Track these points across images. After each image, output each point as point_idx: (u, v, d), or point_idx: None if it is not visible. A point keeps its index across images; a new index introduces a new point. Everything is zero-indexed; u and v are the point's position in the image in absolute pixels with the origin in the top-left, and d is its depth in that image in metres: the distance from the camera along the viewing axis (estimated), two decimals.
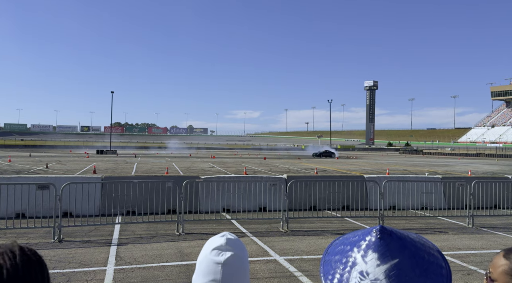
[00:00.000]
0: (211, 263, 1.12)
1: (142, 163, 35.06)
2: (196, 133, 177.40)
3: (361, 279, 0.77)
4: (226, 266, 1.11)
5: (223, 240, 1.16)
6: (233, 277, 1.12)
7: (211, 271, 1.11)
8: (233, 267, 1.12)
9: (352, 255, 0.81)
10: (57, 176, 10.97)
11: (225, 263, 1.11)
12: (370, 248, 0.79)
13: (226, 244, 1.15)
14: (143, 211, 9.04)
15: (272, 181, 11.03)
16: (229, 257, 1.12)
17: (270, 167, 32.54)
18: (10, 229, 7.79)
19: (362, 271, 0.77)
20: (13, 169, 25.42)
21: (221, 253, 1.13)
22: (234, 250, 1.14)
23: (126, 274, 5.54)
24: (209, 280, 1.11)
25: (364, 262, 0.78)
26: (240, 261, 1.14)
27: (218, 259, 1.12)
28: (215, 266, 1.11)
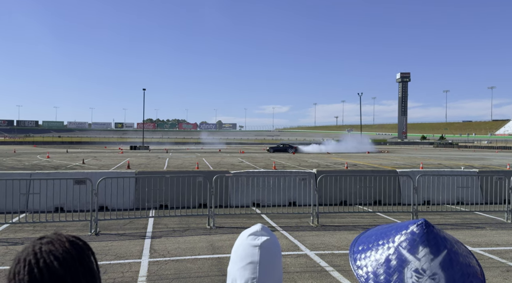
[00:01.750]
0: (248, 246, 1.16)
1: (174, 158, 35.74)
2: (225, 128, 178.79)
3: (419, 277, 0.75)
4: (263, 249, 1.14)
5: (258, 227, 1.21)
6: (270, 260, 1.14)
7: (249, 254, 1.14)
8: (269, 250, 1.15)
9: (395, 252, 0.79)
10: (93, 171, 11.36)
11: (262, 245, 1.14)
12: (419, 243, 0.77)
13: (261, 230, 1.20)
14: (175, 205, 9.23)
15: (301, 176, 10.98)
16: (265, 241, 1.16)
17: (299, 161, 32.38)
18: (49, 222, 8.15)
19: (417, 269, 0.75)
20: (51, 164, 26.53)
21: (257, 237, 1.17)
22: (269, 235, 1.18)
23: (160, 266, 5.69)
24: (246, 263, 1.14)
25: (416, 259, 0.76)
26: (275, 246, 1.18)
27: (255, 242, 1.16)
28: (252, 249, 1.14)
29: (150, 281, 5.09)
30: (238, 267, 1.15)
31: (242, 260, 1.14)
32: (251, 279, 1.11)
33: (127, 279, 5.15)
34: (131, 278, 5.19)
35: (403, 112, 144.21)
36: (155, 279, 5.14)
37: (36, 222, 8.12)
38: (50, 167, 23.89)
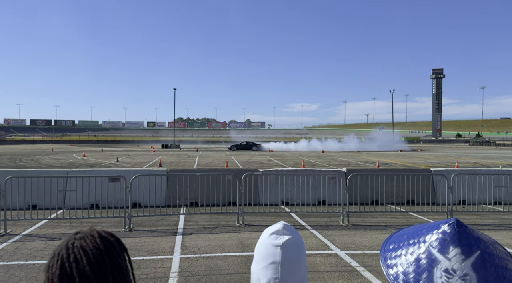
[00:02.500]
0: (269, 246, 1.15)
1: (203, 157, 36.20)
2: (254, 127, 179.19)
3: (449, 277, 0.74)
4: (284, 249, 1.13)
5: (280, 226, 1.20)
6: (292, 260, 1.14)
7: (270, 254, 1.14)
8: (291, 250, 1.14)
9: (425, 251, 0.78)
10: (127, 169, 11.69)
11: (283, 245, 1.14)
12: (450, 243, 0.76)
13: (283, 228, 1.19)
14: (205, 202, 9.36)
15: (331, 174, 10.87)
16: (287, 240, 1.15)
17: (329, 160, 32.03)
18: (85, 218, 8.45)
19: (447, 269, 0.74)
20: (87, 162, 27.48)
21: (279, 236, 1.16)
22: (291, 234, 1.17)
23: (191, 262, 5.79)
24: (268, 263, 1.14)
25: (446, 259, 0.75)
26: (298, 245, 1.17)
27: (277, 242, 1.15)
28: (274, 249, 1.14)
29: (182, 277, 5.19)
30: (260, 266, 1.15)
31: (264, 259, 1.14)
32: (274, 279, 1.11)
33: (160, 274, 5.27)
34: (163, 273, 5.31)
35: (437, 110, 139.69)
36: (187, 275, 5.24)
37: (72, 218, 8.45)
38: (86, 165, 24.75)
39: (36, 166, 24.05)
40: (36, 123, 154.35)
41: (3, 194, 7.64)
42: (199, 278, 5.16)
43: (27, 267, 5.55)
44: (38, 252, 6.27)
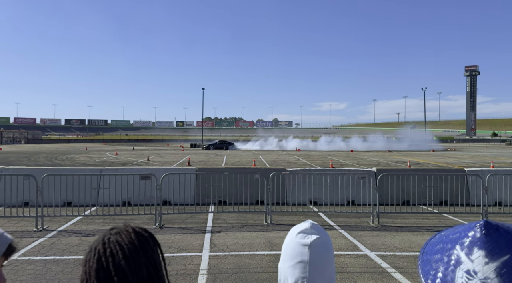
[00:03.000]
0: (297, 245, 1.15)
1: (231, 155, 36.45)
2: (281, 126, 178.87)
3: (469, 278, 0.72)
4: (313, 248, 1.13)
5: (307, 225, 1.20)
6: (320, 259, 1.13)
7: (298, 253, 1.14)
8: (319, 249, 1.14)
9: (454, 253, 0.77)
10: (157, 167, 11.93)
11: (311, 245, 1.14)
12: (475, 245, 0.75)
13: (311, 228, 1.18)
14: (233, 201, 9.42)
15: (360, 174, 10.70)
16: (315, 240, 1.15)
17: (358, 159, 31.54)
18: (118, 215, 8.69)
19: (469, 270, 0.73)
20: (119, 161, 28.24)
21: (307, 236, 1.16)
22: (319, 234, 1.17)
23: (220, 260, 5.85)
24: (296, 262, 1.14)
25: (469, 260, 0.74)
26: (325, 245, 1.16)
27: (305, 241, 1.15)
28: (302, 248, 1.14)
29: (211, 274, 5.25)
30: (288, 265, 1.15)
31: (292, 258, 1.14)
32: (302, 279, 1.11)
33: (189, 271, 5.35)
34: (193, 270, 5.39)
35: (472, 108, 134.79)
36: (216, 273, 5.30)
37: (105, 215, 8.71)
38: (118, 163, 25.43)
39: (70, 164, 24.94)
40: (71, 123, 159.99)
41: (40, 191, 7.96)
42: (227, 275, 5.20)
43: (62, 262, 5.77)
44: (73, 248, 6.50)
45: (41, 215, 7.88)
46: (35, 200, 8.01)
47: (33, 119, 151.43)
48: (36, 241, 6.87)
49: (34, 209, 8.06)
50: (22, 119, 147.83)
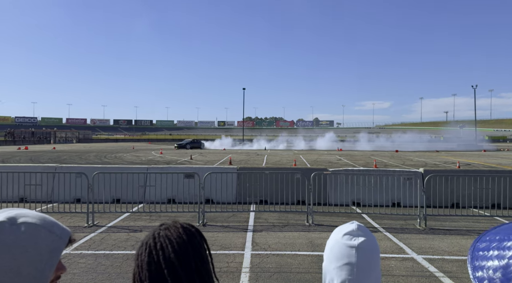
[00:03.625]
0: (344, 247, 1.14)
1: (272, 155, 36.51)
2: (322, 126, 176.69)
3: None
4: (360, 250, 1.13)
5: (354, 226, 1.19)
6: (368, 261, 1.13)
7: (345, 255, 1.13)
8: (366, 251, 1.14)
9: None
10: (200, 166, 12.20)
11: (359, 247, 1.13)
12: None
13: (357, 229, 1.17)
14: (274, 200, 9.43)
15: (406, 175, 10.35)
16: (363, 242, 1.14)
17: (403, 160, 30.52)
18: (163, 212, 8.97)
19: None
20: (164, 160, 29.12)
21: (354, 237, 1.15)
22: (366, 236, 1.17)
23: (262, 259, 5.88)
24: (343, 264, 1.13)
25: None
26: (372, 247, 1.16)
27: (352, 243, 1.14)
28: (349, 250, 1.13)
29: (253, 273, 5.29)
30: (334, 266, 1.14)
31: (338, 260, 1.14)
32: (348, 280, 1.11)
33: (232, 269, 5.42)
34: (236, 268, 5.45)
35: None
36: (258, 271, 5.33)
37: (152, 212, 9.01)
38: (163, 162, 26.23)
39: (119, 162, 26.04)
40: (119, 123, 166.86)
41: (91, 188, 8.38)
42: (270, 275, 5.22)
43: (112, 256, 6.03)
44: (121, 243, 6.78)
45: (92, 211, 8.29)
46: (86, 197, 8.44)
47: (84, 120, 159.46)
48: (87, 236, 7.23)
49: (85, 205, 8.48)
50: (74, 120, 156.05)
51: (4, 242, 0.86)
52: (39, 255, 0.88)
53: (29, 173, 9.64)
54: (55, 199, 10.40)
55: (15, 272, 0.85)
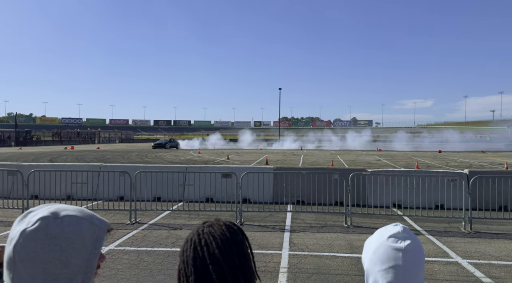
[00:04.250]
0: (389, 249, 1.13)
1: (308, 155, 36.23)
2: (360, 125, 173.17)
3: None
4: (406, 253, 1.12)
5: (399, 228, 1.18)
6: (414, 265, 1.12)
7: (391, 257, 1.12)
8: (413, 254, 1.13)
9: None
10: (237, 166, 12.32)
11: (405, 249, 1.12)
12: None
13: (403, 231, 1.16)
14: (311, 201, 9.36)
15: (450, 176, 9.96)
16: (409, 244, 1.13)
17: (447, 161, 29.35)
18: (202, 211, 9.14)
19: None
20: (202, 159, 29.65)
21: (399, 240, 1.14)
22: (412, 238, 1.16)
23: (299, 259, 5.86)
24: (388, 267, 1.12)
25: None
26: (419, 250, 1.15)
27: (398, 245, 1.13)
28: (395, 253, 1.12)
29: (291, 273, 5.29)
30: (379, 268, 1.13)
31: (383, 262, 1.13)
32: None
33: (270, 269, 5.45)
34: (273, 268, 5.47)
35: None
36: (296, 272, 5.32)
37: (191, 210, 9.21)
38: (201, 162, 26.71)
39: (159, 161, 26.78)
40: (158, 124, 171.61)
41: (133, 187, 8.68)
42: (308, 275, 5.19)
43: (153, 253, 6.23)
44: (162, 240, 6.98)
45: (135, 208, 8.58)
46: (129, 195, 8.75)
47: (126, 121, 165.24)
48: (130, 233, 7.50)
49: (128, 203, 8.80)
50: (116, 121, 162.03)
51: (51, 235, 0.90)
52: (84, 245, 0.93)
53: (75, 172, 10.13)
54: (100, 196, 10.86)
55: (64, 263, 0.90)
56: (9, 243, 0.91)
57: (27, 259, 0.88)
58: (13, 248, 0.89)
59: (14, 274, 0.89)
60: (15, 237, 0.90)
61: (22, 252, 0.88)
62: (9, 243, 0.91)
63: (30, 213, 0.96)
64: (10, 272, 0.90)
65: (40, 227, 0.90)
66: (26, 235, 0.89)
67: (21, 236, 0.89)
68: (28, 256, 0.88)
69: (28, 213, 0.96)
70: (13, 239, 0.90)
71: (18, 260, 0.88)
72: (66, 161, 26.76)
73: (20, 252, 0.88)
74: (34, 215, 0.94)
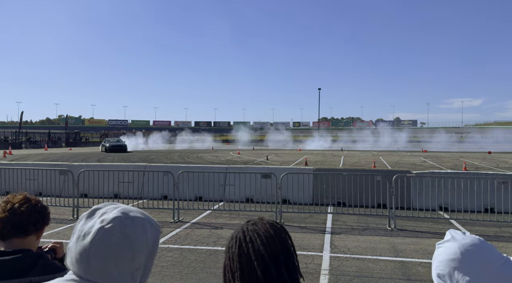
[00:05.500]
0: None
1: (349, 156, 35.58)
2: (404, 125, 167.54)
3: None
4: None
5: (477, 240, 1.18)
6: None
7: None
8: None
9: None
10: (276, 167, 12.35)
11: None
12: None
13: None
14: (353, 203, 9.20)
15: (501, 178, 9.44)
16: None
17: (497, 162, 27.80)
18: (242, 211, 9.24)
19: None
20: (241, 160, 29.93)
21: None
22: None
23: (341, 262, 5.78)
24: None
25: None
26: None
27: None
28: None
29: (333, 275, 5.24)
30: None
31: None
32: None
33: (311, 270, 5.42)
34: (314, 270, 5.44)
35: None
36: (337, 274, 5.26)
37: (231, 210, 9.34)
38: (241, 162, 26.96)
39: (200, 162, 27.33)
40: (199, 125, 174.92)
41: (176, 186, 8.92)
42: (350, 278, 5.12)
43: (196, 251, 6.38)
44: (204, 239, 7.13)
45: (177, 208, 8.82)
46: (172, 194, 9.01)
47: (168, 122, 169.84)
48: (174, 231, 7.72)
49: (171, 202, 9.06)
50: (160, 122, 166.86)
51: (126, 233, 1.00)
52: (147, 244, 1.03)
53: (122, 171, 10.56)
54: (145, 195, 11.25)
55: (130, 260, 1.00)
56: (82, 237, 0.99)
57: (102, 254, 0.97)
58: (90, 243, 0.97)
59: (88, 266, 0.97)
60: (91, 233, 0.99)
61: (99, 247, 0.97)
62: (82, 237, 0.99)
63: (97, 211, 1.05)
64: (84, 265, 0.98)
65: (116, 225, 1.00)
66: (104, 232, 0.98)
67: (99, 232, 0.98)
68: (104, 251, 0.97)
69: (95, 210, 1.06)
70: (88, 234, 0.99)
71: (93, 253, 0.97)
72: (113, 161, 27.92)
73: (98, 247, 0.97)
74: (105, 213, 1.03)
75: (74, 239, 1.01)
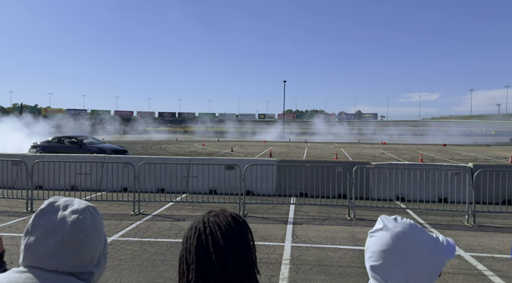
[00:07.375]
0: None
1: (312, 148, 36.20)
2: (365, 118, 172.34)
3: None
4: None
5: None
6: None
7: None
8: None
9: None
10: (241, 158, 12.32)
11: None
12: None
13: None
14: (315, 193, 9.37)
15: (454, 170, 9.92)
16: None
17: (451, 154, 29.23)
18: (205, 203, 9.18)
19: None
20: (206, 151, 29.71)
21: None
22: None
23: (302, 251, 5.88)
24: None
25: None
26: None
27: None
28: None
29: (293, 265, 5.31)
30: None
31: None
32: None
33: (272, 260, 5.47)
34: (276, 260, 5.50)
35: None
36: (298, 264, 5.34)
37: (194, 202, 9.25)
38: (205, 154, 26.76)
39: (163, 153, 26.87)
40: (163, 116, 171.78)
41: (137, 178, 8.72)
42: (310, 267, 5.21)
43: (157, 244, 6.27)
44: (165, 231, 7.02)
45: (138, 200, 8.63)
46: (133, 186, 8.79)
47: (131, 112, 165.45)
48: (134, 224, 7.55)
49: (132, 194, 8.85)
50: (121, 112, 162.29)
51: (96, 222, 1.11)
52: (103, 229, 1.16)
53: (79, 162, 10.18)
54: (104, 187, 10.92)
55: (100, 245, 1.11)
56: (52, 232, 1.04)
57: (80, 244, 1.04)
58: (67, 235, 1.04)
59: (64, 258, 1.03)
60: (64, 226, 1.04)
61: (76, 238, 1.04)
62: (52, 232, 1.04)
63: (55, 204, 1.09)
64: (60, 258, 1.03)
65: (87, 216, 1.09)
66: (80, 223, 1.06)
67: (75, 224, 1.05)
68: (81, 242, 1.05)
69: (52, 204, 1.09)
70: (61, 227, 1.04)
71: (71, 245, 1.03)
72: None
73: (75, 239, 1.04)
74: (69, 205, 1.10)
75: (38, 236, 1.03)
